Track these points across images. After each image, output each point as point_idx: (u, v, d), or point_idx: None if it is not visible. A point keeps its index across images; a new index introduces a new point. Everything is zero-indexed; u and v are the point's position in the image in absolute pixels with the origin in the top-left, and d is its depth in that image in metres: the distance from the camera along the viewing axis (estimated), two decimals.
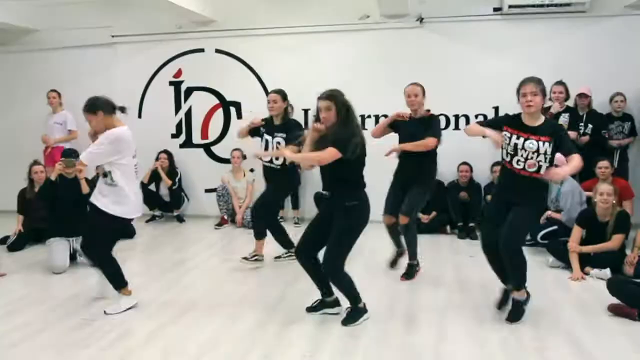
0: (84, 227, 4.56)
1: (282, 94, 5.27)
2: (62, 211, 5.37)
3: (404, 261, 5.02)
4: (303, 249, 3.98)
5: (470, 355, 3.42)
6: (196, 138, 7.76)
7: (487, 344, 3.57)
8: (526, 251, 5.53)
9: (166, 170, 7.39)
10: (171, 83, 7.72)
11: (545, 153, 3.71)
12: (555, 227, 5.59)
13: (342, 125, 3.72)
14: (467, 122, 6.93)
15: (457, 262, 5.45)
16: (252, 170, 7.28)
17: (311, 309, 4.11)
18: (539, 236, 5.76)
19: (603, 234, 4.97)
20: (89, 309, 4.29)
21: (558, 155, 5.45)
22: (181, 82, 7.70)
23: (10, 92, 8.15)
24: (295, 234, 6.68)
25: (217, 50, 7.53)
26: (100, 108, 4.11)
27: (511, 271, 3.91)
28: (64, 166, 5.18)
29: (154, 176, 7.42)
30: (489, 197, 6.52)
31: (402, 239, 4.97)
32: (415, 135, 4.70)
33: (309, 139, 3.89)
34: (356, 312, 3.91)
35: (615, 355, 3.42)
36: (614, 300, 4.06)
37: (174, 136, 7.80)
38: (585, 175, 6.16)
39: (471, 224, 6.44)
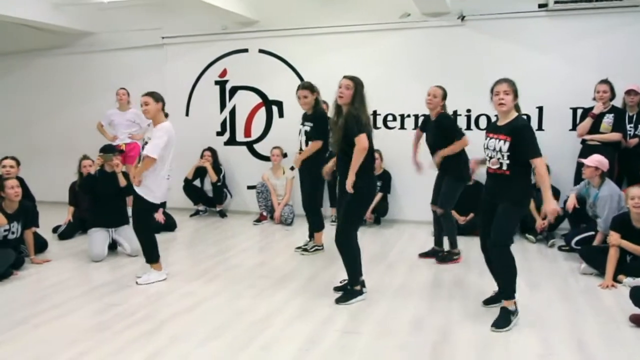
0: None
1: (310, 88, 5.65)
2: (101, 203, 5.70)
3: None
4: None
5: (470, 357, 3.37)
6: (240, 136, 7.97)
7: (492, 347, 3.50)
8: (560, 256, 5.53)
9: (211, 166, 7.63)
10: (217, 82, 7.97)
11: (500, 151, 3.77)
12: (591, 233, 5.35)
13: (353, 110, 4.19)
14: None
15: (484, 265, 5.31)
16: (292, 168, 7.39)
17: (338, 288, 4.49)
18: (573, 242, 5.55)
19: (639, 240, 4.72)
20: (117, 295, 4.55)
21: (598, 158, 5.28)
22: (226, 81, 7.93)
23: (68, 91, 8.69)
24: (332, 231, 6.82)
25: (261, 50, 7.70)
26: (162, 101, 4.79)
27: (497, 273, 3.99)
28: (102, 160, 5.52)
29: (199, 172, 7.69)
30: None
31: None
32: (433, 135, 5.28)
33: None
34: (351, 293, 4.27)
35: None
36: (639, 311, 3.87)
37: (218, 134, 8.04)
38: (631, 180, 5.89)
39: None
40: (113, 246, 5.83)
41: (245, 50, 7.78)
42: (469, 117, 6.96)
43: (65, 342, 3.62)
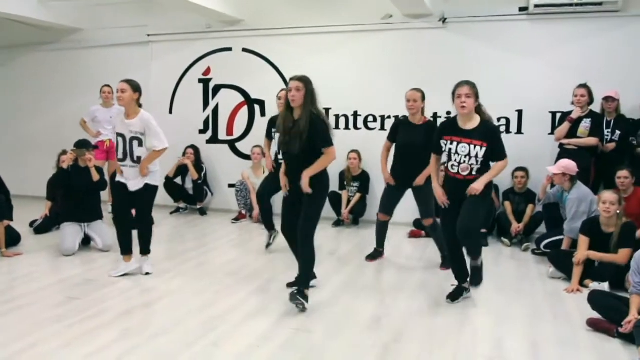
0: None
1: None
2: (74, 198, 5.71)
3: None
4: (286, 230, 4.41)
5: (417, 354, 3.35)
6: (222, 134, 7.98)
7: (442, 348, 3.48)
8: (532, 260, 5.53)
9: (192, 164, 7.64)
10: (200, 80, 7.98)
11: (476, 157, 3.77)
12: (561, 237, 5.32)
13: (307, 111, 4.01)
14: None
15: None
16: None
17: (292, 284, 4.42)
18: (542, 244, 5.54)
19: (607, 245, 4.68)
20: (80, 288, 4.55)
21: (565, 163, 5.27)
22: (209, 79, 7.95)
23: (54, 87, 8.72)
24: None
25: (244, 50, 7.71)
26: (140, 92, 4.83)
27: (468, 247, 4.25)
28: (75, 155, 5.54)
29: (181, 170, 7.70)
30: (507, 204, 6.34)
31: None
32: (416, 142, 4.99)
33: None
34: (301, 294, 4.04)
35: None
36: (597, 315, 3.84)
37: (201, 132, 8.05)
38: (608, 185, 5.85)
39: (483, 230, 6.22)
40: (87, 241, 5.83)
41: (229, 49, 7.79)
42: (450, 118, 6.90)
43: (17, 333, 3.61)
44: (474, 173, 3.83)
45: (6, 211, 5.67)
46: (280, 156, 5.36)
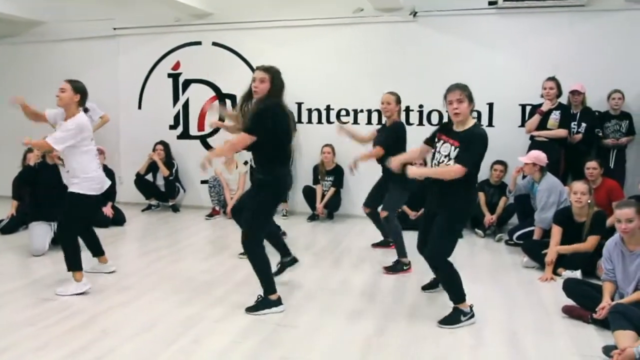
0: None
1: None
2: (42, 196, 5.55)
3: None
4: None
5: (401, 349, 3.37)
6: (193, 130, 7.86)
7: (422, 339, 3.50)
8: (505, 250, 5.60)
9: (163, 161, 7.51)
10: (170, 75, 7.85)
11: (449, 155, 3.59)
12: (532, 228, 5.43)
13: (263, 101, 3.83)
14: None
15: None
16: (245, 162, 7.31)
17: (276, 274, 4.30)
18: (515, 236, 5.65)
19: (579, 234, 4.80)
20: (52, 289, 4.41)
21: (535, 154, 5.37)
22: (179, 74, 7.82)
23: (17, 83, 8.40)
24: (284, 226, 6.79)
25: (214, 43, 7.61)
26: (82, 93, 4.39)
27: (442, 284, 3.93)
28: (43, 152, 5.38)
29: (151, 166, 7.57)
30: (480, 195, 6.42)
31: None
32: (378, 142, 5.00)
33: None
34: (263, 302, 3.91)
35: (551, 356, 3.31)
36: (572, 302, 3.93)
37: (171, 127, 7.92)
38: (576, 176, 5.98)
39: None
40: (56, 240, 5.68)
41: (199, 43, 7.69)
42: (421, 113, 7.00)
43: None
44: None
45: None
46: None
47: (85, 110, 4.48)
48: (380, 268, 4.96)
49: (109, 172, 6.92)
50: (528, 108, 6.48)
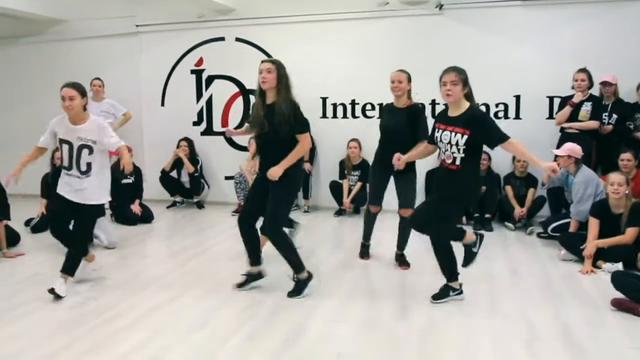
0: None
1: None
2: None
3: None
4: (244, 218, 4.25)
5: (458, 344, 3.36)
6: (217, 126, 7.85)
7: (477, 333, 3.50)
8: (538, 243, 5.60)
9: (187, 157, 7.51)
10: (193, 71, 7.83)
11: (457, 144, 3.64)
12: (568, 220, 5.41)
13: (284, 94, 3.95)
14: (488, 111, 6.75)
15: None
16: None
17: (240, 285, 4.31)
18: (550, 228, 5.63)
19: (617, 226, 4.79)
20: (93, 289, 4.43)
21: (570, 146, 5.34)
22: (202, 70, 7.80)
23: (41, 81, 8.41)
24: (306, 220, 6.80)
25: (237, 39, 7.58)
26: (86, 95, 4.35)
27: (438, 261, 4.08)
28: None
29: (176, 163, 7.57)
30: (508, 188, 6.41)
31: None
32: (398, 126, 4.70)
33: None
34: (300, 284, 4.13)
35: (607, 350, 3.29)
36: (619, 295, 3.91)
37: (195, 124, 7.91)
38: (607, 168, 5.96)
39: (487, 215, 6.30)
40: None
41: (222, 39, 7.65)
42: (447, 106, 6.94)
43: (40, 337, 3.50)
44: (457, 163, 3.69)
45: (4, 210, 5.49)
46: None
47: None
48: (419, 263, 4.94)
49: (135, 170, 6.95)
50: (556, 100, 6.45)
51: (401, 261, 4.92)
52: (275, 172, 3.91)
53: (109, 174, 4.44)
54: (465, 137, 3.60)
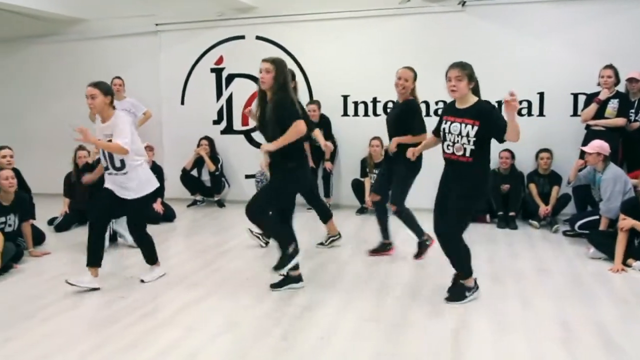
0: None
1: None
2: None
3: None
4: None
5: (492, 343, 3.33)
6: (237, 124, 7.84)
7: (510, 332, 3.47)
8: (565, 241, 5.54)
9: (209, 155, 7.52)
10: (213, 70, 7.83)
11: (467, 136, 3.68)
12: (596, 217, 5.36)
13: (278, 93, 3.98)
14: None
15: (491, 252, 5.29)
16: None
17: (276, 286, 4.30)
18: (577, 225, 5.57)
19: None
20: (121, 287, 4.44)
21: (599, 143, 5.28)
22: (222, 69, 7.80)
23: (61, 80, 8.46)
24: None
25: (258, 37, 7.57)
26: (111, 93, 4.39)
27: (449, 258, 3.99)
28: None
29: (196, 162, 7.58)
30: (531, 186, 6.35)
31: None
32: (391, 119, 4.91)
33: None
34: (284, 257, 4.14)
35: None
36: None
37: (215, 123, 7.91)
38: (632, 165, 5.92)
39: (511, 213, 6.25)
40: (113, 237, 5.70)
41: (242, 37, 7.65)
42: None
43: (75, 336, 3.52)
44: (467, 154, 3.72)
45: (30, 209, 5.52)
46: None
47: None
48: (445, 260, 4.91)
49: (157, 169, 6.96)
50: (581, 97, 6.39)
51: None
52: (267, 147, 3.98)
53: (146, 168, 4.51)
54: (476, 128, 3.65)
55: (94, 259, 4.40)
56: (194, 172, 7.65)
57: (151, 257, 4.67)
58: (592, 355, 3.16)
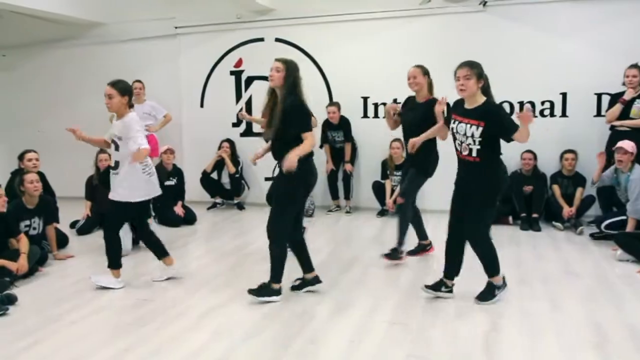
0: None
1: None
2: None
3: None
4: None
5: (524, 347, 3.28)
6: (256, 127, 7.81)
7: (541, 335, 3.42)
8: (590, 243, 5.47)
9: (229, 158, 7.53)
10: (232, 72, 7.84)
11: (472, 136, 3.69)
12: (622, 217, 5.28)
13: (287, 94, 3.93)
14: (533, 109, 6.65)
15: (516, 254, 5.24)
16: None
17: (295, 288, 4.30)
18: (603, 225, 5.49)
19: None
20: (147, 290, 4.45)
21: (631, 143, 5.20)
22: (242, 71, 7.80)
23: (81, 83, 8.52)
24: (349, 221, 6.79)
25: (277, 39, 7.56)
26: (129, 93, 4.45)
27: (480, 260, 3.99)
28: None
29: (217, 164, 7.59)
30: (555, 187, 6.28)
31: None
32: (416, 119, 4.75)
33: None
34: (266, 289, 4.07)
35: None
36: None
37: (234, 125, 7.91)
38: None
39: (534, 215, 6.18)
40: (135, 240, 5.71)
41: (261, 40, 7.65)
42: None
43: (101, 340, 3.52)
44: (473, 154, 3.73)
45: (55, 213, 5.55)
46: None
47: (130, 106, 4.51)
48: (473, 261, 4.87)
49: (178, 172, 6.99)
50: (604, 97, 6.31)
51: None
52: (289, 162, 3.74)
53: (141, 176, 4.40)
54: (480, 129, 3.65)
55: (113, 262, 4.50)
56: (214, 175, 7.66)
57: (157, 253, 4.72)
58: (628, 359, 3.10)
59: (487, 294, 3.96)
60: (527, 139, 3.64)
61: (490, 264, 3.96)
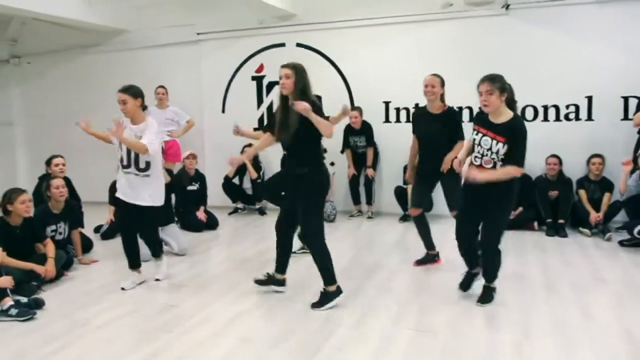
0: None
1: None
2: None
3: None
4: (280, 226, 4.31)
5: (559, 355, 3.22)
6: None
7: (575, 346, 3.35)
8: (619, 249, 5.39)
9: (251, 163, 7.54)
10: (253, 78, 7.87)
11: (497, 153, 3.67)
12: None
13: (299, 98, 3.89)
14: (557, 113, 6.57)
15: (542, 260, 5.16)
16: (332, 164, 7.24)
17: (260, 282, 4.43)
18: (635, 231, 5.38)
19: None
20: (171, 295, 4.46)
21: None
22: (263, 76, 7.83)
23: (105, 90, 8.52)
24: (371, 226, 6.75)
25: (298, 45, 7.58)
26: (141, 95, 4.53)
27: (485, 266, 4.05)
28: None
29: (238, 170, 7.60)
30: (581, 192, 6.18)
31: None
32: (437, 132, 4.72)
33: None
34: (324, 296, 4.06)
35: None
36: None
37: (256, 130, 7.87)
38: None
39: (560, 221, 6.09)
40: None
41: (282, 45, 7.67)
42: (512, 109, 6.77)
43: (128, 345, 3.54)
44: (497, 168, 3.71)
45: (80, 218, 5.60)
46: None
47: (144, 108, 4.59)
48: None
49: (200, 177, 7.01)
50: (632, 100, 6.21)
51: None
52: (304, 105, 3.77)
53: (162, 179, 4.65)
54: (506, 146, 3.64)
55: (132, 262, 4.74)
56: (235, 180, 7.67)
57: (156, 252, 4.91)
58: None
59: (487, 297, 4.04)
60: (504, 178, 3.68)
61: (495, 272, 4.04)
